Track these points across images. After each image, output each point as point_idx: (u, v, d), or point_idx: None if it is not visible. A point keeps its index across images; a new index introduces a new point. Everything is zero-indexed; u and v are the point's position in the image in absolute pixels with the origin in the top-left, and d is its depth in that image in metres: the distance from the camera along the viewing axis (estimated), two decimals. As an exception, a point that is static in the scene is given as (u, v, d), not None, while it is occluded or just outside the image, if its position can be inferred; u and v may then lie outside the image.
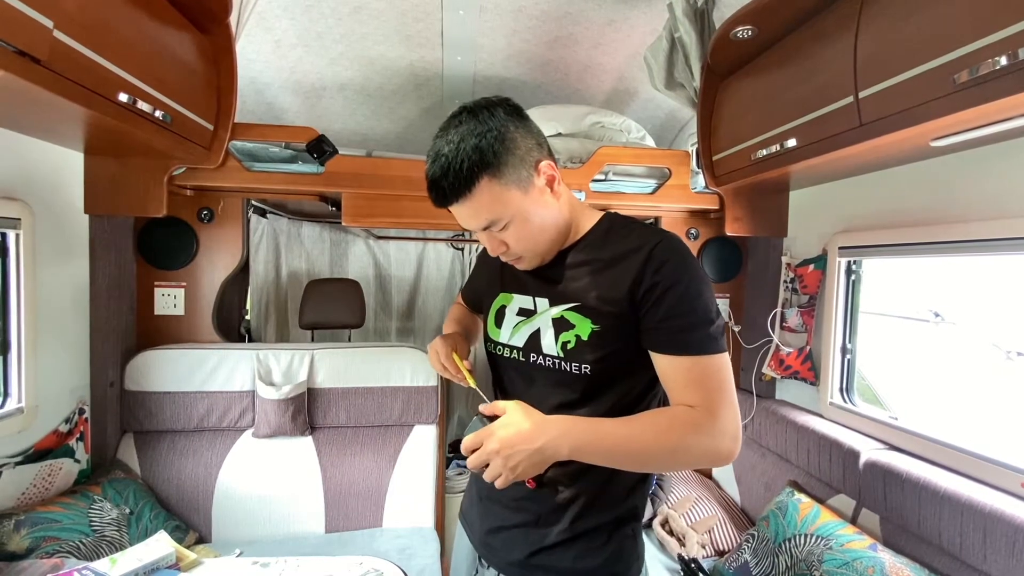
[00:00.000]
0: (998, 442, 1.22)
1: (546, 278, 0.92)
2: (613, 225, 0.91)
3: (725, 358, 0.80)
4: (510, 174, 0.80)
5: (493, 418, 0.81)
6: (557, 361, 0.87)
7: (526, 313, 0.93)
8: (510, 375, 0.96)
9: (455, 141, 0.78)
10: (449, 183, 0.79)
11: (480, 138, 0.78)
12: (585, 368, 0.84)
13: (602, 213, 0.95)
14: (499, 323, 0.98)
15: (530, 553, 0.90)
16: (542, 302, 0.91)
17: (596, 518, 0.89)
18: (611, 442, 0.77)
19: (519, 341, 0.92)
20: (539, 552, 0.89)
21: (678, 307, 0.79)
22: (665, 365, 0.81)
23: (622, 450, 0.77)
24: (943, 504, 1.19)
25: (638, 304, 0.81)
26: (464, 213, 0.83)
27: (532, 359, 0.90)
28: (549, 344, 0.88)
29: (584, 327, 0.84)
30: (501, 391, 1.01)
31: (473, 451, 0.78)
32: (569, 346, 0.85)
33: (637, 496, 0.92)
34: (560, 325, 0.87)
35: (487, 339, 1.02)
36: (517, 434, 0.75)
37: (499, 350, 0.97)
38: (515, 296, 0.96)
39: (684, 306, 0.79)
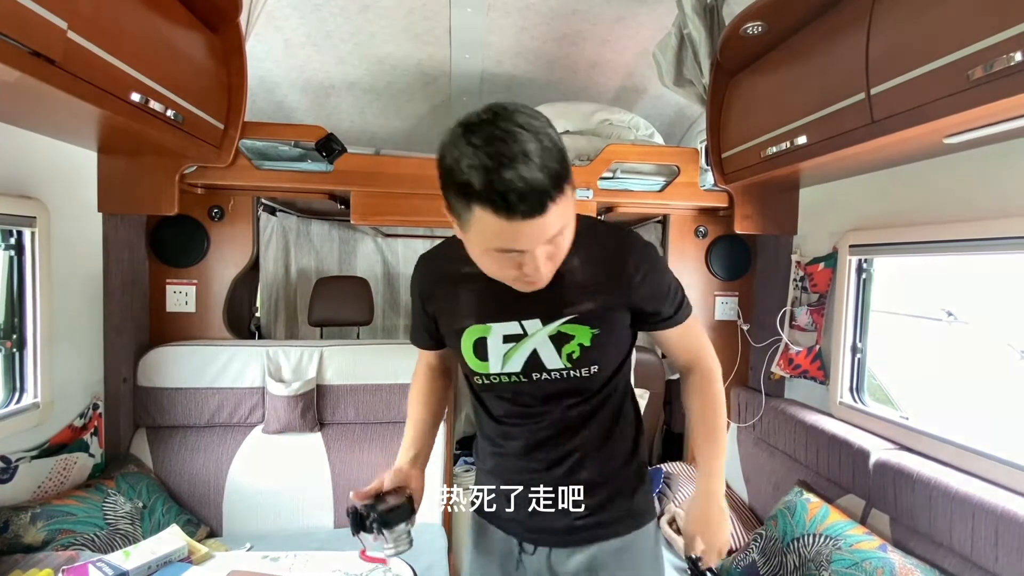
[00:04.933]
0: (1011, 442, 1.21)
1: (531, 296, 0.82)
2: (587, 229, 0.84)
3: (695, 313, 0.97)
4: (573, 180, 0.73)
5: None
6: (564, 372, 0.87)
7: (514, 339, 0.87)
8: (510, 395, 0.93)
9: (541, 142, 0.65)
10: (551, 185, 0.66)
11: (558, 140, 0.69)
12: (594, 368, 0.87)
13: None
14: (482, 356, 0.89)
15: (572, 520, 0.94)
16: (532, 323, 0.86)
17: (611, 486, 0.96)
18: (721, 458, 1.00)
19: (515, 367, 0.88)
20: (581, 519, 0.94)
21: (662, 289, 0.89)
22: (668, 337, 0.95)
23: (723, 449, 1.01)
24: (954, 505, 1.18)
25: (628, 292, 0.86)
26: (544, 224, 0.68)
27: (535, 377, 0.88)
28: (552, 359, 0.86)
29: (584, 334, 0.85)
30: (487, 412, 0.97)
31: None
32: (575, 356, 0.86)
33: (640, 450, 1.02)
34: (559, 340, 0.86)
35: (472, 374, 0.92)
36: (712, 525, 0.99)
37: (493, 379, 0.91)
38: (493, 325, 0.88)
39: (665, 287, 0.90)
